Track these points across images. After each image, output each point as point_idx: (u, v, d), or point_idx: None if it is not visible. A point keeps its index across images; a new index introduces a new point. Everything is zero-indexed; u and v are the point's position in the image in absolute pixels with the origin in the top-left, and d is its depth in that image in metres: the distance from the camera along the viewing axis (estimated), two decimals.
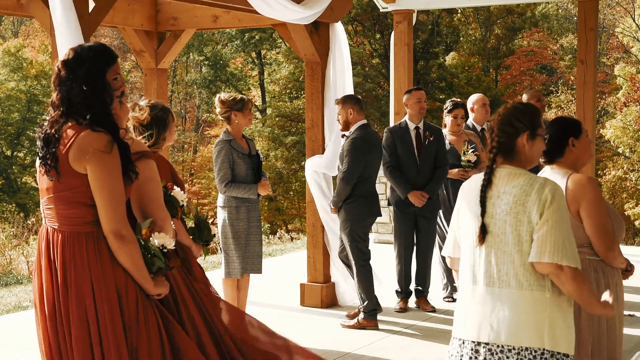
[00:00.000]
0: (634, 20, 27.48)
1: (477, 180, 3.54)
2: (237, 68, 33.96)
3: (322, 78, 7.79)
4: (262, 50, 32.75)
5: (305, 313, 7.67)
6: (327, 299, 7.81)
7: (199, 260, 4.69)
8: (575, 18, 26.49)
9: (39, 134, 3.54)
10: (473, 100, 8.36)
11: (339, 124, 7.17)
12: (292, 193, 29.94)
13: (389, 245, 10.36)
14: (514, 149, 3.47)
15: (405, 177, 7.49)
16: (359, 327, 7.04)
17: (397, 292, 7.75)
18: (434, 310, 7.61)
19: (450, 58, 31.00)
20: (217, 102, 6.66)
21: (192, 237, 4.73)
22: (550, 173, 4.03)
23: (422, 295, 7.75)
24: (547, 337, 3.32)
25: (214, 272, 9.33)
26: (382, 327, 7.06)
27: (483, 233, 3.42)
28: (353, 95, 7.25)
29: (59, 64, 3.54)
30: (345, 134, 7.11)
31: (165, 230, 3.66)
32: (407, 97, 7.64)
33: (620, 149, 26.11)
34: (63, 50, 5.29)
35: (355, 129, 7.04)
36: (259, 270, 6.73)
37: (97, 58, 3.52)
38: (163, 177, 4.23)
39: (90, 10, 5.66)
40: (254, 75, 34.07)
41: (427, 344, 6.61)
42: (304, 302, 7.89)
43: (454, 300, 7.81)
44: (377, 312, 7.08)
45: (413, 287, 7.77)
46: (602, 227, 3.88)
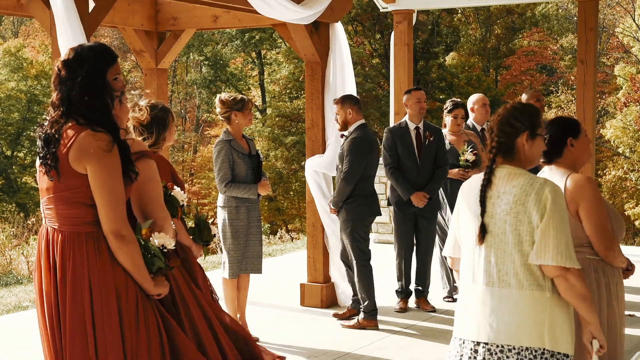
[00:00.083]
0: (634, 20, 27.48)
1: (477, 180, 3.54)
2: (237, 68, 33.96)
3: (322, 78, 7.79)
4: (262, 50, 32.75)
5: (305, 313, 7.67)
6: (327, 299, 7.81)
7: (199, 260, 4.69)
8: (575, 18, 26.49)
9: (39, 134, 3.53)
10: (473, 100, 8.36)
11: (337, 124, 7.18)
12: (292, 193, 29.94)
13: (389, 245, 10.35)
14: (514, 149, 3.47)
15: (406, 177, 7.49)
16: (359, 327, 7.04)
17: (397, 292, 7.75)
18: (434, 310, 7.61)
19: (450, 58, 31.00)
20: (217, 102, 6.67)
21: (192, 237, 4.73)
22: (549, 173, 4.02)
23: (422, 295, 7.75)
24: (547, 337, 3.32)
25: (214, 272, 9.33)
26: (382, 327, 7.06)
27: (483, 233, 3.42)
28: (352, 95, 7.25)
29: (59, 64, 3.54)
30: (345, 134, 7.11)
31: (165, 230, 3.66)
32: (406, 97, 7.64)
33: (620, 149, 26.11)
34: (63, 50, 5.29)
35: (354, 129, 7.04)
36: (259, 270, 6.73)
37: (97, 58, 3.52)
38: (163, 177, 4.23)
39: (90, 10, 5.66)
40: (254, 75, 34.07)
41: (427, 344, 6.61)
42: (304, 302, 7.89)
43: (454, 300, 7.82)
44: (377, 312, 7.08)
45: (413, 287, 7.77)
46: (601, 227, 3.88)
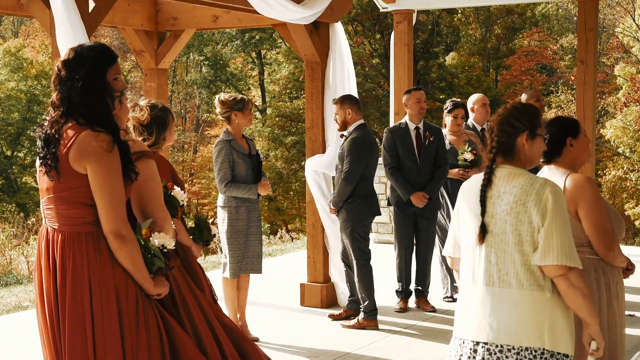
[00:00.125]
0: (634, 20, 27.47)
1: (477, 180, 3.54)
2: (237, 68, 33.96)
3: (322, 78, 7.79)
4: (262, 50, 32.75)
5: (305, 313, 7.67)
6: (327, 299, 7.81)
7: (199, 260, 4.69)
8: (575, 18, 26.49)
9: (39, 134, 3.53)
10: (473, 100, 8.36)
11: (336, 124, 7.18)
12: (292, 193, 29.94)
13: (389, 245, 10.35)
14: (514, 149, 3.47)
15: (406, 177, 7.49)
16: (359, 327, 7.04)
17: (397, 292, 7.75)
18: (434, 310, 7.61)
19: (450, 58, 31.00)
20: (217, 102, 6.67)
21: (192, 237, 4.73)
22: (549, 173, 4.02)
23: (422, 295, 7.75)
24: (547, 337, 3.32)
25: (214, 272, 9.33)
26: (382, 327, 7.06)
27: (483, 232, 3.42)
28: (351, 95, 7.25)
29: (59, 64, 3.54)
30: (344, 134, 7.11)
31: (165, 230, 3.66)
32: (406, 97, 7.64)
33: (620, 149, 26.11)
34: (63, 50, 5.29)
35: (354, 129, 7.04)
36: (259, 270, 6.73)
37: (97, 58, 3.52)
38: (163, 177, 4.23)
39: (90, 10, 5.67)
40: (254, 75, 34.07)
41: (427, 344, 6.61)
42: (304, 302, 7.89)
43: (454, 300, 7.81)
44: (377, 312, 7.08)
45: (413, 287, 7.77)
46: (601, 227, 3.87)
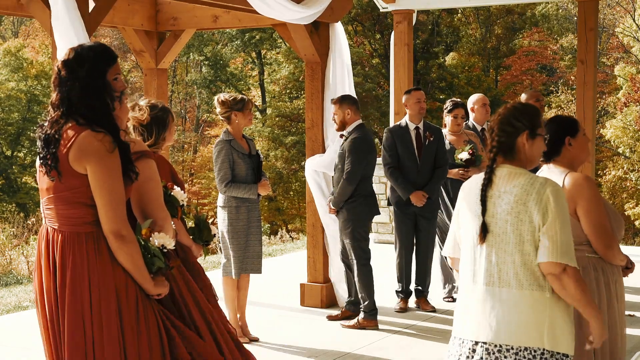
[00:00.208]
0: (634, 20, 27.47)
1: (477, 180, 3.54)
2: (237, 68, 33.96)
3: (322, 78, 7.79)
4: (262, 50, 32.75)
5: (305, 313, 7.67)
6: (327, 299, 7.81)
7: (199, 260, 4.69)
8: (575, 18, 26.48)
9: (39, 135, 3.53)
10: (473, 100, 8.36)
11: (335, 124, 7.18)
12: (292, 193, 29.94)
13: (389, 245, 10.36)
14: (514, 149, 3.47)
15: (406, 177, 7.49)
16: (359, 327, 7.04)
17: (397, 292, 7.75)
18: (434, 310, 7.61)
19: (450, 58, 31.00)
20: (217, 102, 6.67)
21: (192, 237, 4.73)
22: (548, 172, 4.02)
23: (422, 295, 7.75)
24: (547, 337, 3.32)
25: (214, 272, 9.33)
26: (382, 327, 7.06)
27: (484, 232, 3.42)
28: (350, 96, 7.25)
29: (59, 64, 3.53)
30: (344, 134, 7.11)
31: (165, 230, 3.66)
32: (406, 97, 7.64)
33: (620, 149, 26.11)
34: (63, 50, 5.29)
35: (354, 129, 7.04)
36: (259, 270, 6.73)
37: (97, 58, 3.52)
38: (163, 177, 4.23)
39: (90, 10, 5.67)
40: (254, 75, 34.07)
41: (427, 344, 6.61)
42: (304, 302, 7.89)
43: (454, 300, 7.81)
44: (377, 312, 7.08)
45: (413, 287, 7.77)
46: (600, 225, 3.87)
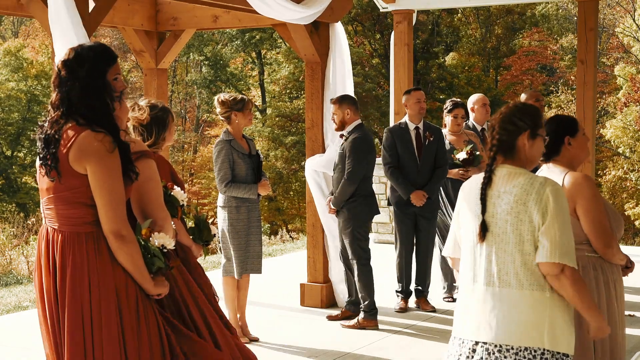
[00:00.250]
0: (634, 20, 27.46)
1: (477, 180, 3.54)
2: (237, 68, 33.95)
3: (322, 78, 7.79)
4: (262, 50, 32.75)
5: (305, 313, 7.67)
6: (327, 299, 7.81)
7: (199, 260, 4.69)
8: (575, 18, 26.48)
9: (39, 136, 3.53)
10: (473, 100, 8.36)
11: (334, 124, 7.18)
12: (292, 193, 29.94)
13: (389, 245, 10.36)
14: (514, 148, 3.47)
15: (405, 177, 7.49)
16: (359, 327, 7.04)
17: (397, 292, 7.75)
18: (434, 310, 7.61)
19: (450, 58, 31.00)
20: (217, 102, 6.67)
21: (192, 237, 4.73)
22: (547, 171, 4.03)
23: (422, 295, 7.75)
24: (547, 336, 3.32)
25: (214, 272, 9.33)
26: (382, 327, 7.06)
27: (483, 230, 3.42)
28: (349, 96, 7.26)
29: (59, 64, 3.53)
30: (344, 134, 7.11)
31: (165, 230, 3.66)
32: (406, 97, 7.64)
33: (621, 149, 26.11)
34: (60, 50, 5.29)
35: (354, 129, 7.04)
36: (259, 270, 6.73)
37: (97, 58, 3.51)
38: (163, 177, 4.23)
39: (90, 10, 5.66)
40: (254, 75, 34.07)
41: (427, 344, 6.61)
42: (304, 302, 7.89)
43: (454, 300, 7.81)
44: (377, 311, 7.08)
45: (413, 287, 7.77)
46: (599, 224, 3.87)
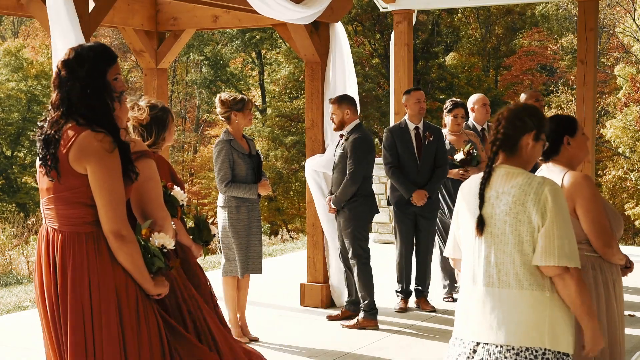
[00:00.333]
0: (634, 20, 27.46)
1: (476, 180, 3.54)
2: (237, 68, 33.95)
3: (322, 78, 7.79)
4: (262, 50, 32.75)
5: (305, 313, 7.67)
6: (327, 299, 7.81)
7: (199, 260, 4.69)
8: (575, 18, 26.48)
9: (39, 136, 3.53)
10: (473, 100, 8.35)
11: (333, 124, 7.18)
12: (292, 193, 29.93)
13: (389, 245, 10.36)
14: (517, 145, 3.46)
15: (406, 177, 7.49)
16: (359, 327, 7.04)
17: (397, 292, 7.75)
18: (434, 310, 7.61)
19: (450, 58, 30.99)
20: (217, 102, 6.67)
21: (192, 237, 4.73)
22: (547, 171, 4.02)
23: (422, 295, 7.75)
24: (547, 336, 3.32)
25: (214, 272, 9.33)
26: (382, 327, 7.06)
27: (481, 225, 3.41)
28: (348, 95, 7.26)
29: (59, 64, 3.53)
30: (344, 134, 7.11)
31: (165, 230, 3.66)
32: (406, 97, 7.64)
33: (621, 149, 26.11)
34: (60, 50, 5.28)
35: (354, 129, 7.04)
36: (259, 270, 6.74)
37: (97, 58, 3.52)
38: (162, 177, 4.23)
39: (90, 10, 5.66)
40: (254, 75, 34.07)
41: (427, 344, 6.61)
42: (304, 302, 7.89)
43: (454, 300, 7.81)
44: (377, 311, 7.08)
45: (413, 287, 7.77)
46: (599, 224, 3.87)
